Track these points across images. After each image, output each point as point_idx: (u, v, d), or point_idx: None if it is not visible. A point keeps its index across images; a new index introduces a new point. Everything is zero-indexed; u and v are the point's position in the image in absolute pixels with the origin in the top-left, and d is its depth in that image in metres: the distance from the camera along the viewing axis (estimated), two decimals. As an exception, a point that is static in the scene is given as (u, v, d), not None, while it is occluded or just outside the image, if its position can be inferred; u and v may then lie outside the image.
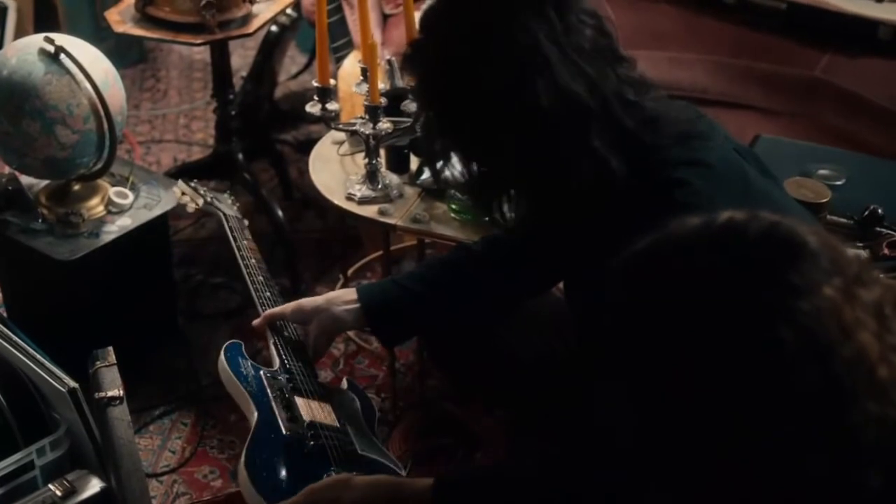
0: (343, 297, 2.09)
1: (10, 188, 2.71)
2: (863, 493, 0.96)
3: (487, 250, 2.08)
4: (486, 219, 2.28)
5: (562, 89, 1.58)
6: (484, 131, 1.65)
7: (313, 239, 3.50)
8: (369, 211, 2.52)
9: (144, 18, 3.06)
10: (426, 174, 2.54)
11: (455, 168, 1.79)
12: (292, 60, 4.36)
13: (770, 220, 1.03)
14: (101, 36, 3.68)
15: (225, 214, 2.50)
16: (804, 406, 0.95)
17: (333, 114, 2.51)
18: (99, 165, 2.65)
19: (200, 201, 2.56)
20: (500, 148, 1.65)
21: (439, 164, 1.80)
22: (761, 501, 0.99)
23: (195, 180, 2.68)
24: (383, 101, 2.46)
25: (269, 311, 2.14)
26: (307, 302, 2.14)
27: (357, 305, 2.06)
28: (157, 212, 2.76)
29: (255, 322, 2.14)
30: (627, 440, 1.09)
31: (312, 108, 2.50)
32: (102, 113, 2.56)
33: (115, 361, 1.91)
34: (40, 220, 2.68)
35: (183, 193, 2.61)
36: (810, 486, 0.97)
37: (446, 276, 2.07)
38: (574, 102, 1.59)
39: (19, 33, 3.75)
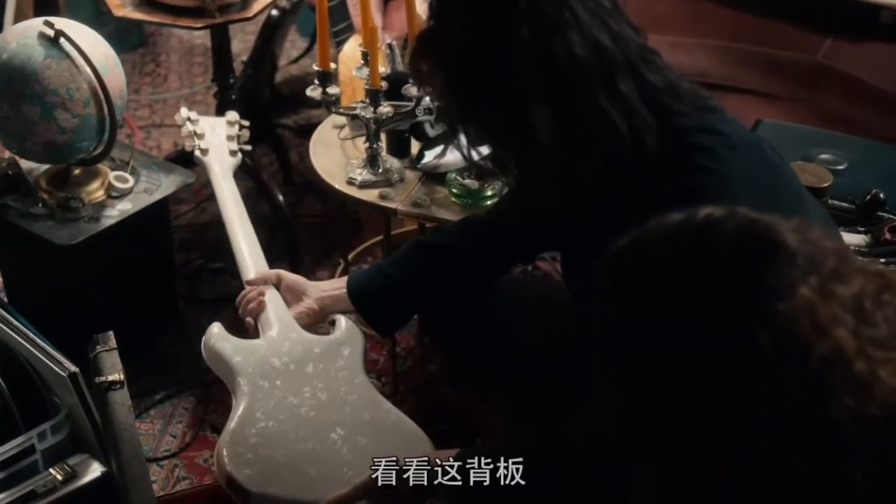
0: (331, 287, 2.11)
1: (10, 172, 2.70)
2: (846, 489, 0.95)
3: (466, 232, 2.09)
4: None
5: (591, 41, 1.60)
6: (515, 103, 1.64)
7: (314, 223, 3.50)
8: (370, 195, 2.52)
9: (144, 2, 3.05)
10: (427, 158, 2.54)
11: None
12: (293, 45, 4.35)
13: (747, 218, 1.02)
14: (100, 20, 3.66)
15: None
16: (782, 404, 0.95)
17: (334, 98, 2.50)
18: (99, 150, 2.65)
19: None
20: (530, 119, 1.63)
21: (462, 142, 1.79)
22: (745, 499, 0.99)
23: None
24: (384, 84, 2.46)
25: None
26: (298, 283, 2.15)
27: (342, 292, 2.08)
28: (157, 196, 2.76)
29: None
30: (615, 438, 1.08)
31: (313, 91, 2.49)
32: (102, 97, 2.55)
33: (116, 346, 1.90)
34: (40, 205, 2.67)
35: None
36: (794, 483, 0.96)
37: (429, 261, 2.08)
38: (604, 54, 1.61)
39: (19, 17, 3.74)
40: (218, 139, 2.63)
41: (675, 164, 1.63)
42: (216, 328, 2.07)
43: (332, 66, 2.50)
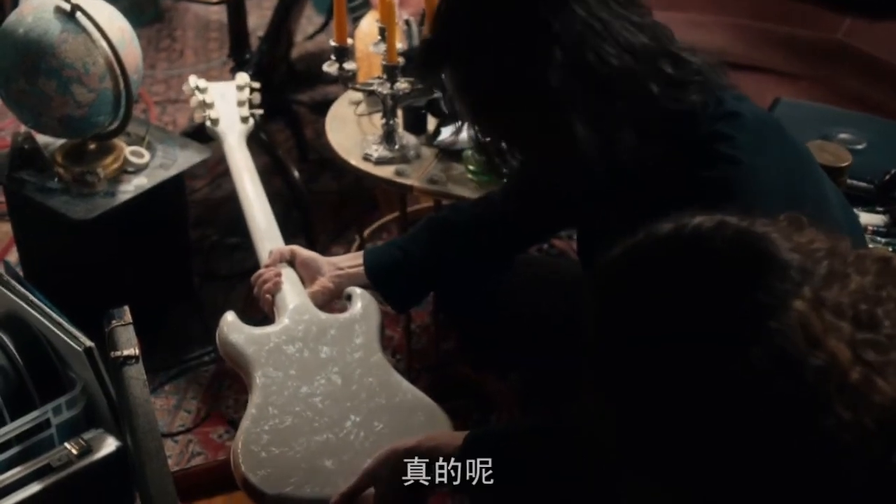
0: (347, 264, 2.10)
1: (26, 147, 2.70)
2: (845, 499, 0.94)
3: (482, 211, 2.08)
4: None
5: (625, 46, 1.53)
6: (553, 122, 1.55)
7: (329, 200, 3.50)
8: (386, 171, 2.51)
9: (161, -23, 3.05)
10: (444, 134, 2.53)
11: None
12: (309, 21, 4.34)
13: (736, 230, 1.00)
14: (117, -6, 3.66)
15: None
16: (775, 418, 0.94)
17: (350, 73, 2.49)
18: (115, 124, 2.65)
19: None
20: (573, 136, 1.55)
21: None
22: None
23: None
24: (401, 60, 2.45)
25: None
26: (313, 259, 2.13)
27: (361, 269, 2.07)
28: (173, 171, 2.76)
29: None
30: (607, 447, 1.07)
31: (329, 67, 2.48)
32: (119, 72, 2.55)
33: (131, 321, 1.90)
34: (56, 180, 2.67)
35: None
36: (792, 493, 0.96)
37: (445, 238, 2.07)
38: (642, 53, 1.54)
39: (35, -9, 3.74)
40: (228, 106, 2.59)
41: (696, 154, 1.57)
42: (230, 317, 2.03)
43: (349, 41, 2.49)
